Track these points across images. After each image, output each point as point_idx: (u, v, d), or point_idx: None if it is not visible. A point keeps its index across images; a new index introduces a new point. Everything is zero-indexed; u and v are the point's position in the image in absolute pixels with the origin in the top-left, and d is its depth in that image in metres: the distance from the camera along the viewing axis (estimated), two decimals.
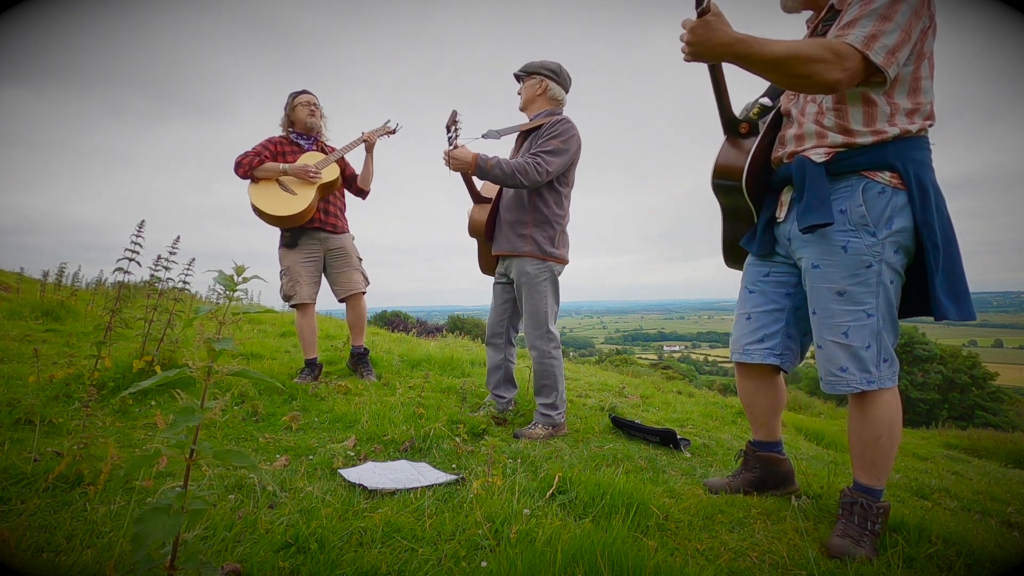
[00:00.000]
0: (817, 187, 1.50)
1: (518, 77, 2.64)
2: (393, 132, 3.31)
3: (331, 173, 3.12)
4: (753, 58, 1.36)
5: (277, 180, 3.05)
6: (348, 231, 3.34)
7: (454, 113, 2.48)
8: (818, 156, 1.54)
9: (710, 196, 1.86)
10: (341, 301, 3.32)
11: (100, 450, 1.64)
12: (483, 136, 2.48)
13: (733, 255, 1.93)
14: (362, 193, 3.39)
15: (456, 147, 2.43)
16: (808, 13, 1.72)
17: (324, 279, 3.29)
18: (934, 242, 1.45)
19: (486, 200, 2.67)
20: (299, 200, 3.02)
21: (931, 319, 1.50)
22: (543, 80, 2.56)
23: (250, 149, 3.07)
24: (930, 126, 1.52)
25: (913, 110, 1.48)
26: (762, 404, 1.86)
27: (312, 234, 3.17)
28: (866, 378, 1.50)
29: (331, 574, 1.17)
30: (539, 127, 2.50)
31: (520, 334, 2.77)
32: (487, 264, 2.79)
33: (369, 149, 3.26)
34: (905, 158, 1.47)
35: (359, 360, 3.43)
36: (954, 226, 1.50)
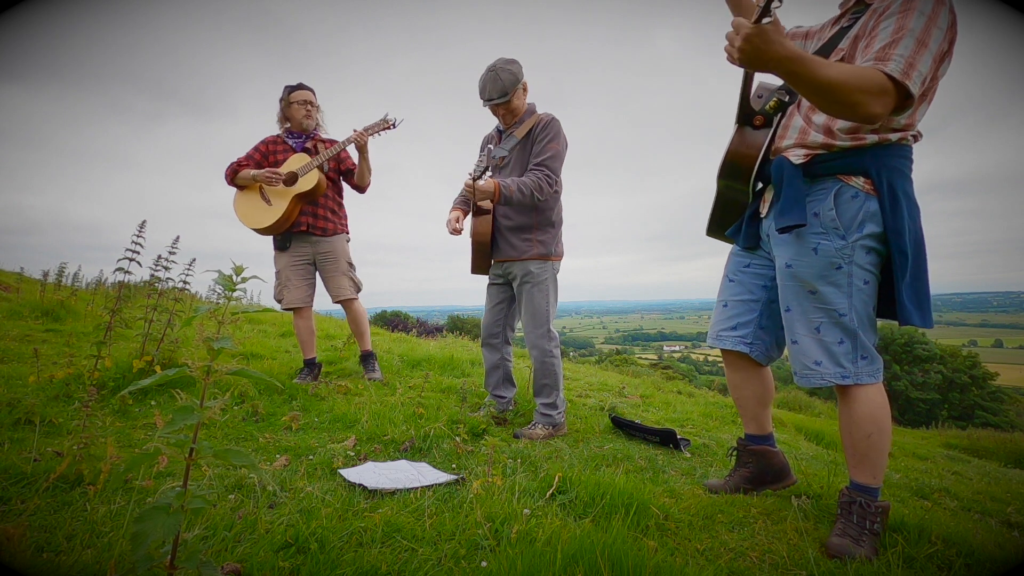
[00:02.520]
0: (793, 189, 1.53)
1: (497, 104, 2.47)
2: (392, 126, 3.06)
3: (309, 182, 2.98)
4: (804, 77, 1.27)
5: (259, 187, 3.02)
6: (342, 232, 3.24)
7: (490, 150, 2.42)
8: (796, 158, 1.57)
9: (710, 195, 1.85)
10: (336, 303, 3.32)
11: (100, 450, 1.64)
12: (493, 159, 2.43)
13: (716, 231, 1.93)
14: (359, 188, 3.30)
15: (483, 180, 2.39)
16: None
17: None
18: (902, 250, 1.47)
19: (485, 211, 2.67)
20: (273, 211, 2.98)
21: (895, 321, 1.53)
22: (523, 84, 2.50)
23: (243, 154, 3.06)
24: (912, 136, 1.52)
25: (904, 127, 1.49)
26: (748, 395, 1.91)
27: (302, 237, 3.13)
28: (840, 372, 1.53)
29: (331, 574, 1.17)
30: (530, 129, 2.52)
31: (515, 334, 2.79)
32: (481, 266, 2.78)
33: (361, 150, 3.07)
34: (880, 165, 1.48)
35: (363, 360, 3.43)
36: (924, 235, 1.51)
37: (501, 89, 2.42)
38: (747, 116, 1.68)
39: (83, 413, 1.94)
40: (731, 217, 1.85)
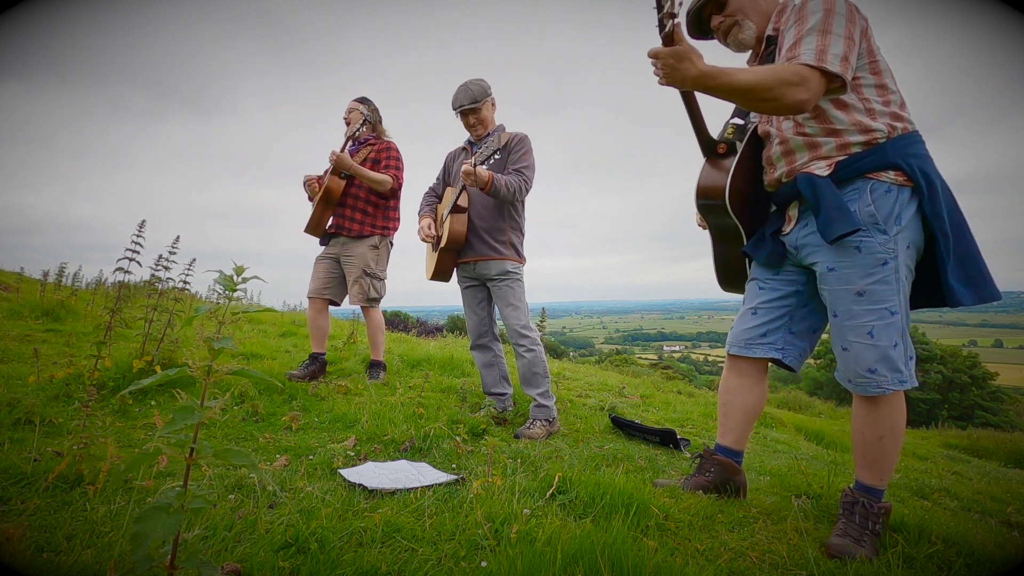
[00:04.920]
0: (832, 198, 1.51)
1: (467, 111, 2.64)
2: (366, 122, 3.24)
3: (320, 188, 3.20)
4: (726, 87, 1.43)
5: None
6: (371, 233, 3.22)
7: (488, 145, 2.50)
8: (821, 170, 1.56)
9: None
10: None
11: (100, 450, 1.64)
12: (482, 162, 2.48)
13: (727, 279, 1.93)
14: (378, 195, 3.26)
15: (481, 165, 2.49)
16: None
17: None
18: (944, 232, 1.46)
19: (462, 210, 2.68)
20: (310, 214, 3.27)
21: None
22: (491, 99, 2.70)
23: None
24: (909, 119, 1.54)
25: (885, 100, 1.52)
26: (741, 404, 1.83)
27: (336, 236, 3.28)
28: (897, 378, 1.49)
29: (331, 574, 1.16)
30: (506, 142, 2.67)
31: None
32: (447, 270, 2.79)
33: (341, 169, 3.14)
34: (906, 154, 1.49)
35: (370, 367, 3.43)
36: (963, 213, 1.52)
37: (471, 97, 2.63)
38: (710, 146, 1.76)
39: (83, 413, 1.94)
40: (732, 255, 1.85)
